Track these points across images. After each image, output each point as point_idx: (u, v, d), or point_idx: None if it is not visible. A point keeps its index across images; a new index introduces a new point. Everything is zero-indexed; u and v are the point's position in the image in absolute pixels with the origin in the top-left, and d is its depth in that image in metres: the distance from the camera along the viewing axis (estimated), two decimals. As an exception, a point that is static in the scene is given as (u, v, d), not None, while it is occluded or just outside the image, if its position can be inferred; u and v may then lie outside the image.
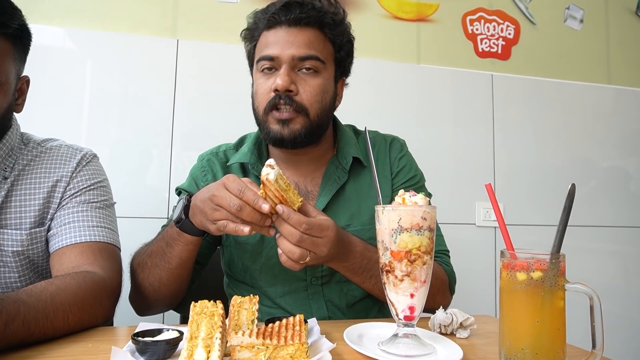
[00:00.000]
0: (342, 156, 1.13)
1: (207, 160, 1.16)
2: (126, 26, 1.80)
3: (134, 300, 1.04)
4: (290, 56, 1.00)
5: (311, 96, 1.02)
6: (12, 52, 0.91)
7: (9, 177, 0.96)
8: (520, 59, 2.19)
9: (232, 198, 0.81)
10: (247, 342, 0.63)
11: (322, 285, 1.09)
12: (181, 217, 0.91)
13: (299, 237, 0.81)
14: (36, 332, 0.72)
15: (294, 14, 1.00)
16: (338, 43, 1.07)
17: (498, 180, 2.10)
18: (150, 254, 0.98)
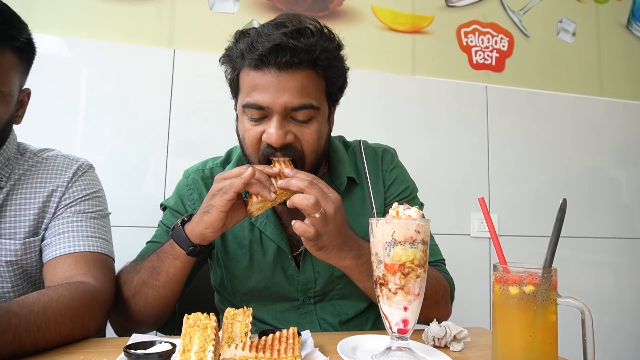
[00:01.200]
0: (335, 176, 1.09)
1: (193, 179, 1.13)
2: (123, 35, 1.81)
3: (115, 321, 1.00)
4: (282, 106, 0.90)
5: (307, 146, 0.95)
6: (18, 65, 0.91)
7: (5, 187, 0.96)
8: (514, 71, 2.21)
9: (240, 167, 0.87)
10: (240, 355, 0.63)
11: (314, 304, 1.08)
12: (177, 224, 0.92)
13: (309, 181, 0.84)
14: (27, 343, 0.71)
15: (284, 58, 0.88)
16: (332, 80, 0.98)
17: (493, 190, 2.11)
18: (139, 271, 0.96)
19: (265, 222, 1.05)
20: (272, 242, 1.05)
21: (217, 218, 0.87)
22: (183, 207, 1.11)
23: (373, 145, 1.20)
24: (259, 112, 0.93)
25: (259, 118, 0.94)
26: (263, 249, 1.06)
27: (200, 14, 1.89)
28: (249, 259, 1.06)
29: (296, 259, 1.06)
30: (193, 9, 1.88)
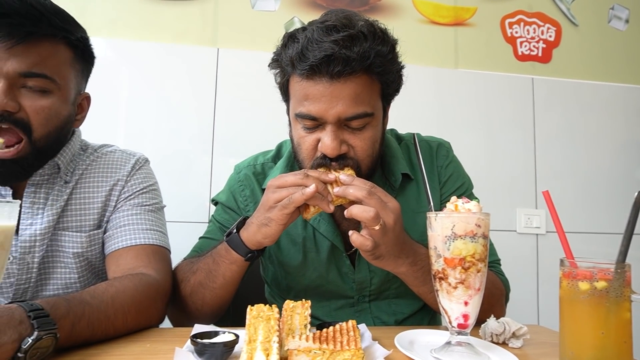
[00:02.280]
0: (389, 173, 1.06)
1: (245, 175, 1.12)
2: (169, 36, 1.86)
3: (173, 314, 1.03)
4: (336, 117, 0.88)
5: (363, 151, 0.93)
6: (72, 61, 0.95)
7: (70, 182, 1.01)
8: (562, 61, 2.13)
9: (296, 173, 0.85)
10: (304, 346, 0.64)
11: (369, 303, 1.07)
12: (232, 230, 0.91)
13: (367, 190, 0.80)
14: (99, 332, 0.75)
15: (337, 68, 0.85)
16: (387, 83, 0.94)
17: (540, 186, 2.05)
18: (195, 272, 0.97)
19: (319, 219, 1.04)
20: (326, 240, 1.04)
21: (276, 231, 0.86)
22: (235, 202, 1.11)
23: (427, 138, 1.16)
24: (312, 122, 0.91)
25: (313, 127, 0.92)
26: (317, 246, 1.06)
27: (242, 13, 1.92)
28: (303, 256, 1.06)
29: (351, 257, 1.05)
30: (235, 8, 1.91)
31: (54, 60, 0.90)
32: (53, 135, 0.93)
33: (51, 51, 0.89)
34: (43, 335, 0.62)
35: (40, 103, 0.89)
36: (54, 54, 0.90)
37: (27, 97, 0.88)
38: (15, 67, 0.85)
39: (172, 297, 0.99)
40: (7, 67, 0.84)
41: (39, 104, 0.89)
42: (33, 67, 0.86)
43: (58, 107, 0.92)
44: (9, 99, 0.85)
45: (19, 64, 0.85)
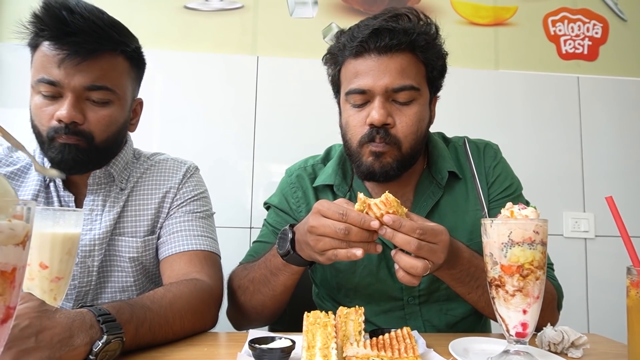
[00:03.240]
0: (436, 170, 1.07)
1: (297, 177, 1.14)
2: (210, 46, 1.91)
3: (234, 317, 1.06)
4: (383, 88, 0.93)
5: (407, 127, 0.96)
6: (129, 71, 1.01)
7: (125, 189, 1.05)
8: (609, 58, 2.06)
9: (336, 224, 0.76)
10: (363, 353, 0.64)
11: (419, 305, 1.05)
12: (288, 250, 0.88)
13: (417, 244, 0.74)
14: (159, 336, 0.78)
15: (384, 42, 0.92)
16: (431, 64, 0.98)
17: (587, 188, 1.97)
18: (252, 280, 0.98)
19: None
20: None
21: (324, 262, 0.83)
22: (287, 204, 1.13)
23: (475, 140, 1.16)
24: (361, 96, 0.96)
25: (362, 103, 0.97)
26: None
27: (280, 21, 1.95)
28: None
29: None
30: (274, 16, 1.95)
31: (114, 73, 0.96)
32: (111, 139, 0.99)
33: (111, 64, 0.95)
34: (111, 339, 0.65)
35: (102, 113, 0.95)
36: (114, 67, 0.96)
37: (90, 109, 0.94)
38: (82, 81, 0.91)
39: (231, 302, 1.03)
40: (74, 82, 0.90)
41: (101, 114, 0.95)
42: (96, 81, 0.92)
43: (117, 115, 0.98)
44: (76, 111, 0.91)
45: (84, 79, 0.91)
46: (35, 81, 0.91)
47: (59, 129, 0.91)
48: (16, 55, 1.81)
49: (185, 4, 1.92)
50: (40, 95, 0.92)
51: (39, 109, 0.92)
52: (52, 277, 0.75)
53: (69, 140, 0.92)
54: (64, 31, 0.88)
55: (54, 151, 0.93)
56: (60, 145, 0.92)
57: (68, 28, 0.88)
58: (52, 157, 0.94)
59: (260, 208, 1.86)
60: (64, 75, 0.90)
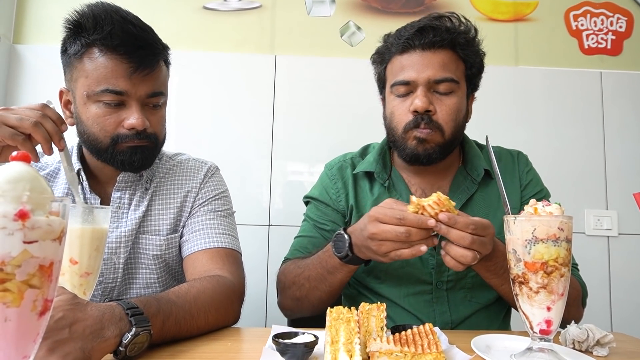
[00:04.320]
0: (471, 167, 1.15)
1: (338, 169, 1.21)
2: (230, 45, 1.93)
3: (289, 309, 1.13)
4: (426, 79, 1.04)
5: (447, 115, 1.05)
6: (167, 74, 1.06)
7: (150, 188, 1.08)
8: (634, 53, 2.01)
9: (396, 228, 0.83)
10: (386, 348, 0.64)
11: (447, 290, 1.09)
12: (347, 254, 0.94)
13: (470, 239, 0.81)
14: (184, 330, 0.79)
15: (427, 38, 1.03)
16: (470, 61, 1.08)
17: (610, 185, 1.94)
18: (308, 278, 1.04)
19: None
20: None
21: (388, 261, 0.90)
22: (327, 196, 1.19)
23: (508, 149, 1.25)
24: (405, 87, 1.06)
25: (406, 94, 1.07)
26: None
27: (298, 20, 1.96)
28: None
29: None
30: (292, 15, 1.96)
31: (164, 78, 1.03)
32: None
33: (161, 71, 1.02)
34: (140, 331, 0.67)
35: (159, 115, 1.03)
36: (163, 73, 1.03)
37: (149, 113, 1.00)
38: (146, 90, 0.97)
39: (286, 296, 1.11)
40: (140, 92, 0.96)
41: (158, 116, 1.03)
42: (156, 88, 0.99)
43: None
44: (144, 118, 0.97)
45: (148, 88, 0.98)
46: (97, 91, 0.94)
47: (129, 135, 0.96)
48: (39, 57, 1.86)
49: (204, 4, 1.94)
50: (100, 104, 0.95)
51: (101, 117, 0.95)
52: (82, 272, 0.78)
53: (140, 143, 0.98)
54: (135, 45, 0.94)
55: (124, 154, 0.98)
56: (130, 148, 0.97)
57: (138, 42, 0.94)
58: (122, 159, 0.98)
59: (278, 207, 1.88)
60: (131, 85, 0.95)
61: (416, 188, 1.15)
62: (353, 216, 1.15)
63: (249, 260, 1.16)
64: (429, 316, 1.08)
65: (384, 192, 1.15)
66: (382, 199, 1.11)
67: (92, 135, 0.97)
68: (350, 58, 1.94)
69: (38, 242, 0.45)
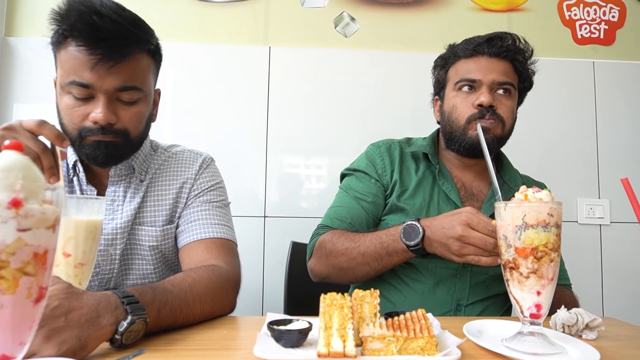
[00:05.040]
0: (509, 177, 1.28)
1: (386, 148, 1.30)
2: (224, 37, 1.93)
3: (325, 275, 1.19)
4: (491, 80, 1.17)
5: (507, 112, 1.19)
6: (152, 67, 1.03)
7: (145, 180, 1.08)
8: (626, 42, 2.02)
9: (486, 238, 0.90)
10: (379, 333, 0.65)
11: (471, 270, 1.17)
12: (418, 244, 1.01)
13: None
14: (180, 318, 0.80)
15: (495, 47, 1.18)
16: (524, 76, 1.23)
17: (602, 174, 1.95)
18: (362, 254, 1.10)
19: (450, 189, 1.23)
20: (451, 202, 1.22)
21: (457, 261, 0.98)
22: (374, 169, 1.27)
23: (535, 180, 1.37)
24: (470, 85, 1.19)
25: (469, 91, 1.19)
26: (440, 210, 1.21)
27: (292, 11, 1.95)
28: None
29: None
30: (286, 6, 1.95)
31: (141, 72, 0.98)
32: (143, 133, 1.03)
33: (138, 63, 0.97)
34: (136, 319, 0.67)
35: (133, 111, 0.98)
36: (140, 65, 0.98)
37: (121, 108, 0.96)
38: (114, 84, 0.93)
39: (326, 262, 1.16)
40: (106, 85, 0.92)
41: (132, 111, 0.98)
42: (127, 82, 0.95)
43: (145, 110, 1.02)
44: (110, 113, 0.94)
45: (116, 81, 0.93)
46: (66, 83, 0.92)
47: (93, 129, 0.94)
48: (32, 50, 1.85)
49: (197, -4, 1.93)
50: (70, 96, 0.94)
51: (70, 109, 0.94)
52: (76, 262, 0.78)
53: (105, 139, 0.95)
54: (95, 37, 0.90)
55: (89, 148, 0.95)
56: (95, 142, 0.95)
57: (100, 33, 0.89)
58: (87, 153, 0.96)
59: (274, 199, 1.89)
60: (96, 78, 0.91)
61: (458, 180, 1.26)
62: (395, 190, 1.23)
63: (245, 252, 1.17)
64: (449, 288, 1.16)
65: (429, 174, 1.26)
66: (427, 181, 1.24)
67: (63, 126, 0.97)
68: (344, 49, 1.94)
69: (32, 230, 0.45)
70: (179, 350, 0.70)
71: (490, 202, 1.21)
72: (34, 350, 0.57)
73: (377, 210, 1.24)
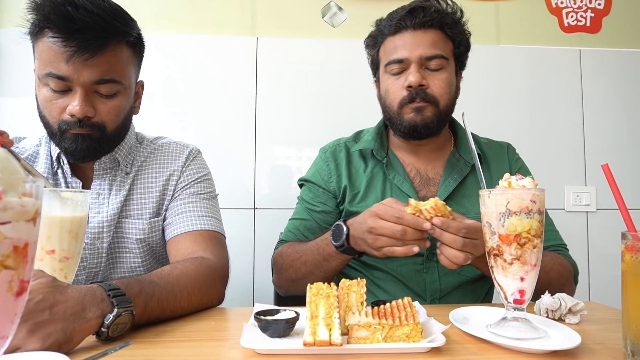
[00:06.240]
0: (464, 150, 1.20)
1: (331, 152, 1.26)
2: (209, 28, 1.90)
3: (284, 288, 1.19)
4: (418, 57, 1.10)
5: (440, 88, 1.11)
6: (133, 59, 1.01)
7: (130, 173, 1.07)
8: (612, 30, 2.03)
9: (393, 226, 0.87)
10: (364, 321, 0.66)
11: (437, 262, 1.11)
12: (343, 243, 0.98)
13: (462, 242, 0.84)
14: (167, 310, 0.80)
15: (418, 19, 1.09)
16: (457, 40, 1.14)
17: (589, 161, 1.98)
18: (305, 263, 1.09)
19: (402, 181, 1.17)
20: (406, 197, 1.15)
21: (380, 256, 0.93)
22: (320, 177, 1.24)
23: (497, 141, 1.31)
24: (399, 65, 1.12)
25: (400, 72, 1.13)
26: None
27: (279, 1, 1.93)
28: None
29: None
30: (272, -5, 1.93)
31: (120, 64, 0.96)
32: (121, 126, 1.02)
33: (117, 55, 0.95)
34: (122, 312, 0.67)
35: (111, 104, 0.97)
36: (120, 57, 0.96)
37: (99, 101, 0.95)
38: (91, 76, 0.91)
39: (282, 276, 1.15)
40: (83, 78, 0.91)
41: (110, 105, 0.96)
42: (104, 75, 0.93)
43: (125, 103, 1.00)
44: (88, 106, 0.93)
45: (93, 74, 0.91)
46: (43, 74, 0.91)
47: (71, 122, 0.93)
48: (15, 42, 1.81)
49: (183, -14, 1.90)
50: (48, 88, 0.92)
51: (48, 102, 0.93)
52: (61, 256, 0.78)
53: (82, 131, 0.94)
54: (70, 28, 0.87)
55: (67, 142, 0.95)
56: (73, 135, 0.94)
57: (75, 25, 0.87)
58: (65, 147, 0.95)
59: (264, 191, 1.88)
60: (72, 71, 0.90)
61: (411, 168, 1.21)
62: (347, 195, 1.19)
63: (235, 244, 1.17)
64: (419, 284, 1.13)
65: (379, 170, 1.20)
66: (377, 178, 1.18)
67: (44, 119, 0.96)
68: (332, 39, 1.93)
69: (11, 223, 0.45)
70: (165, 342, 0.70)
71: (445, 184, 1.16)
72: (18, 344, 0.57)
73: (329, 219, 1.20)
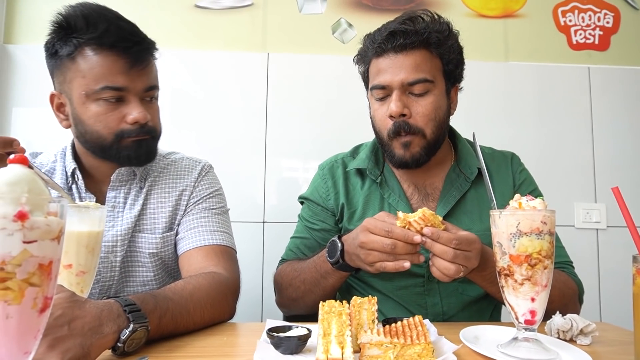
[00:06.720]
0: (464, 165, 1.16)
1: (329, 169, 1.24)
2: (221, 44, 1.94)
3: (286, 307, 1.18)
4: (399, 83, 1.05)
5: (424, 117, 1.06)
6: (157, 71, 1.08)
7: (144, 187, 1.09)
8: (621, 48, 2.04)
9: (383, 239, 0.86)
10: (376, 340, 0.67)
11: (438, 283, 1.11)
12: (338, 260, 0.98)
13: (453, 254, 0.83)
14: (181, 325, 0.81)
15: (398, 42, 1.04)
16: (446, 58, 1.08)
17: (599, 179, 1.97)
18: (303, 281, 1.08)
19: (398, 200, 1.15)
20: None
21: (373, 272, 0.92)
22: (318, 195, 1.23)
23: (501, 150, 1.27)
24: (382, 91, 1.08)
25: (383, 97, 1.09)
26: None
27: (290, 17, 1.97)
28: None
29: None
30: (283, 13, 1.97)
31: (155, 73, 1.07)
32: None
33: (153, 65, 1.05)
34: (137, 327, 0.69)
35: (155, 108, 1.07)
36: (154, 67, 1.06)
37: (147, 107, 1.03)
38: (144, 85, 1.01)
39: (283, 295, 1.15)
40: (138, 87, 1.00)
41: (154, 109, 1.07)
42: (152, 82, 1.03)
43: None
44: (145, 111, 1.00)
45: (145, 82, 1.01)
46: (97, 89, 0.96)
47: (132, 130, 0.99)
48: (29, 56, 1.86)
49: (196, 3, 1.94)
50: (101, 102, 0.97)
51: (103, 115, 0.98)
52: (77, 271, 0.79)
53: (142, 137, 1.01)
54: (130, 41, 0.96)
55: (130, 149, 1.01)
56: (135, 142, 1.01)
57: (133, 38, 0.97)
58: (128, 155, 1.01)
59: (272, 203, 1.90)
60: (129, 81, 0.97)
61: (408, 184, 1.18)
62: (345, 213, 1.18)
63: (244, 257, 1.18)
64: (420, 308, 1.11)
65: (375, 189, 1.18)
66: (374, 196, 1.15)
67: (95, 134, 0.99)
68: (342, 55, 1.95)
69: (37, 242, 0.46)
70: (180, 357, 0.71)
71: (444, 200, 1.13)
72: (38, 359, 0.58)
73: (329, 237, 1.14)
